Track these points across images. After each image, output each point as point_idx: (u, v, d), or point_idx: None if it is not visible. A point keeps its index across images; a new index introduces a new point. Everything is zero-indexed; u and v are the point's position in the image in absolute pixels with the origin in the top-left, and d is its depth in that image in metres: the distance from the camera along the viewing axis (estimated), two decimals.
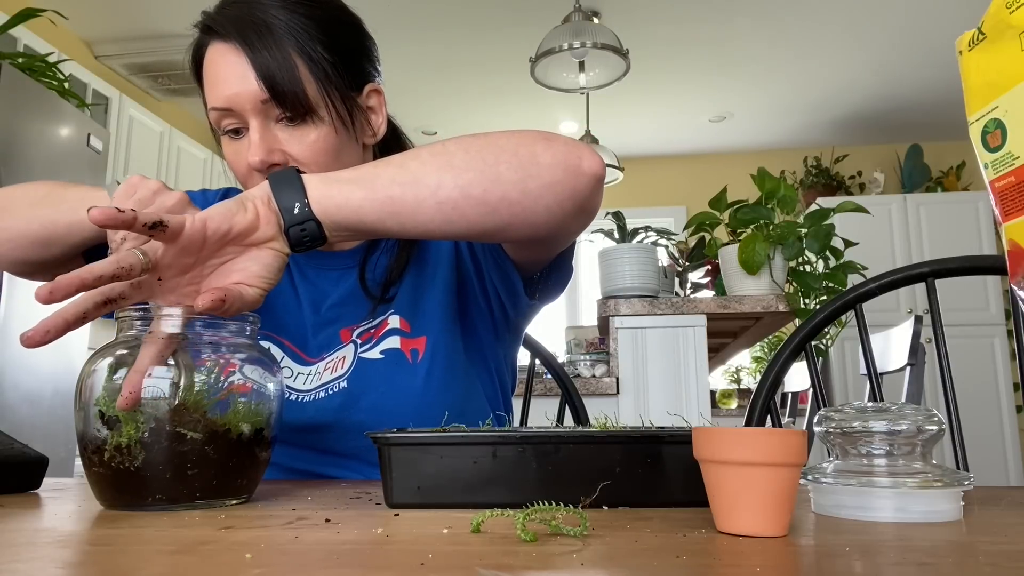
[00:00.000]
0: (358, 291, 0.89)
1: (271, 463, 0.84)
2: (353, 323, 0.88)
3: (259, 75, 0.76)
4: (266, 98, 0.77)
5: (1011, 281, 0.49)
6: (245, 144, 0.79)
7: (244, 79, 0.77)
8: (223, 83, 0.78)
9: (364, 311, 0.88)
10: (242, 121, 0.79)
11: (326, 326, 0.89)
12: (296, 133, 0.79)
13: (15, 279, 2.28)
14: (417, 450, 0.56)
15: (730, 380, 4.92)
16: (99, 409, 0.54)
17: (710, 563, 0.38)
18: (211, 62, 0.79)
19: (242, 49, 0.77)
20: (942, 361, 1.01)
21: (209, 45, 0.79)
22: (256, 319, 0.62)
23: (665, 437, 0.57)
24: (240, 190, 0.95)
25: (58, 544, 0.42)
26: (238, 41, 0.77)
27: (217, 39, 0.78)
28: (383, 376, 0.84)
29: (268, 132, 0.79)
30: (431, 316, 0.88)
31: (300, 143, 0.79)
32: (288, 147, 0.79)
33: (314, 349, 0.88)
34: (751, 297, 2.10)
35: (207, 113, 0.83)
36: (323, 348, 0.88)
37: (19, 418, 2.29)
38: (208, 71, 0.80)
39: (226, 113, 0.79)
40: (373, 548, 0.41)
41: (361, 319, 0.88)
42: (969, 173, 4.92)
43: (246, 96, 0.77)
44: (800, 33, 3.83)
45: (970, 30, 0.50)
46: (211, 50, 0.79)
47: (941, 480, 0.51)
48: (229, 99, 0.78)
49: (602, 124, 4.58)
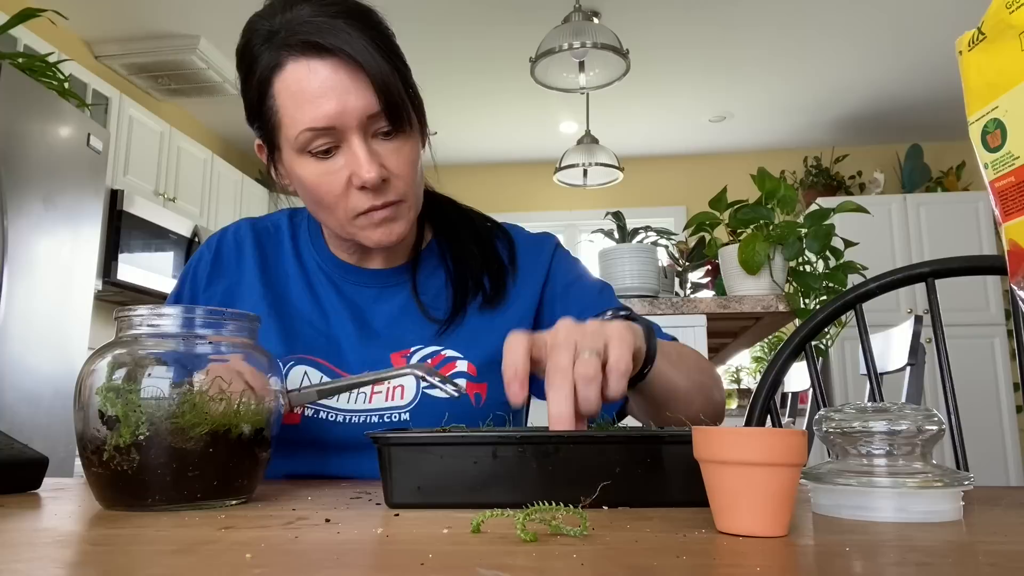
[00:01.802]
0: (410, 313, 0.90)
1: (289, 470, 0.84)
2: (405, 348, 0.88)
3: (376, 87, 0.76)
4: (377, 111, 0.77)
5: (1011, 281, 0.49)
6: (338, 162, 0.78)
7: (355, 92, 0.76)
8: (328, 100, 0.75)
9: (416, 336, 0.88)
10: (337, 139, 0.77)
11: (369, 342, 0.88)
12: (391, 147, 0.80)
13: (15, 279, 2.28)
14: (417, 450, 0.56)
15: (730, 380, 4.92)
16: (99, 409, 0.54)
17: (710, 563, 0.38)
18: (303, 79, 0.76)
19: (349, 60, 0.75)
20: (942, 361, 1.01)
21: (294, 61, 0.76)
22: (256, 318, 0.62)
23: (665, 437, 0.57)
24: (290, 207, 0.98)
25: (58, 544, 0.42)
26: (344, 54, 0.75)
27: (311, 54, 0.76)
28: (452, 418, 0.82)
29: (372, 147, 0.78)
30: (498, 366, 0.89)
31: (397, 156, 0.80)
32: (386, 161, 0.79)
33: (355, 366, 0.87)
34: (751, 297, 2.10)
35: (263, 126, 0.81)
36: (365, 366, 0.87)
37: (19, 418, 2.29)
38: (299, 88, 0.76)
39: (323, 132, 0.76)
40: (373, 548, 0.41)
41: (413, 344, 0.88)
42: (969, 173, 4.92)
43: (355, 110, 0.76)
44: (800, 33, 3.83)
45: (970, 30, 0.50)
46: (299, 67, 0.76)
47: (941, 480, 0.51)
48: (334, 116, 0.76)
49: (602, 124, 4.58)
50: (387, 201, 0.80)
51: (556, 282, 0.95)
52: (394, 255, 0.94)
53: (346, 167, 0.78)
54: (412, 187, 0.83)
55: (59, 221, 2.51)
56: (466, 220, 0.98)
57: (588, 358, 0.59)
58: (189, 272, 0.94)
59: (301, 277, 0.93)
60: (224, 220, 4.50)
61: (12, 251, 2.26)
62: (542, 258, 0.96)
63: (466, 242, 0.95)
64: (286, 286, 0.92)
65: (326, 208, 0.82)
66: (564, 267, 0.97)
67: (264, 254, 0.94)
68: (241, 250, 0.94)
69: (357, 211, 0.81)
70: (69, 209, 2.56)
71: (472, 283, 0.92)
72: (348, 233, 0.84)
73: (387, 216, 0.82)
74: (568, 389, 0.58)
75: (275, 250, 0.95)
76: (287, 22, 0.77)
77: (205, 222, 4.29)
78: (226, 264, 0.94)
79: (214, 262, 0.94)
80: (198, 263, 0.94)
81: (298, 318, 0.90)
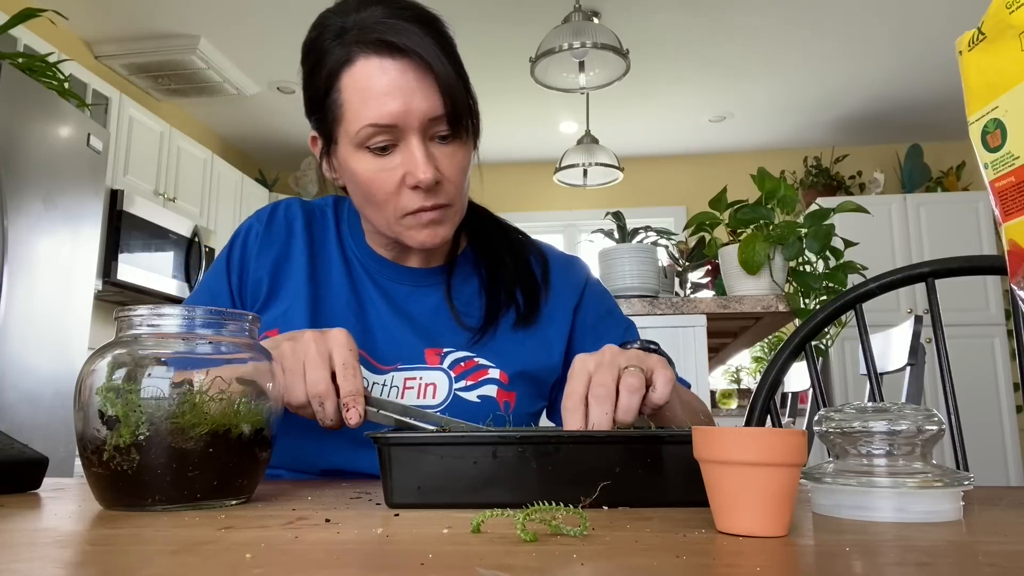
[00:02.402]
0: (443, 316, 0.91)
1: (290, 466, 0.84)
2: (439, 347, 0.89)
3: (442, 91, 0.78)
4: (440, 115, 0.79)
5: (1011, 281, 0.49)
6: (395, 160, 0.80)
7: (421, 94, 0.78)
8: (394, 98, 0.77)
9: (448, 339, 0.89)
10: (396, 137, 0.79)
11: (405, 333, 0.89)
12: (446, 151, 0.82)
13: (15, 279, 2.28)
14: (417, 450, 0.56)
15: (730, 380, 4.92)
16: (99, 409, 0.54)
17: (710, 563, 0.38)
18: (373, 76, 0.78)
19: (420, 63, 0.77)
20: (942, 361, 1.01)
21: (365, 57, 0.78)
22: (256, 318, 0.62)
23: (665, 437, 0.57)
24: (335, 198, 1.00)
25: (58, 544, 0.42)
26: (416, 57, 0.77)
27: (383, 53, 0.78)
28: (482, 421, 0.83)
29: (428, 149, 0.80)
30: (527, 379, 0.91)
31: (451, 161, 0.82)
32: (440, 164, 0.81)
33: (387, 355, 0.88)
34: (751, 297, 2.10)
35: (323, 119, 0.82)
36: (399, 358, 0.88)
37: (19, 418, 2.29)
38: (367, 85, 0.78)
39: (384, 129, 0.78)
40: (373, 548, 0.41)
41: (446, 346, 0.89)
42: (969, 173, 4.92)
43: (419, 111, 0.78)
44: (800, 33, 3.83)
45: (970, 30, 0.50)
46: (370, 64, 0.78)
47: (941, 480, 0.51)
48: (398, 115, 0.77)
49: (602, 124, 4.58)
50: (437, 203, 0.82)
51: (588, 311, 0.97)
52: (431, 257, 0.95)
53: (402, 166, 0.80)
54: (460, 193, 0.85)
55: (59, 221, 2.51)
56: (501, 231, 1.00)
57: (635, 371, 0.66)
58: (239, 239, 0.95)
59: (342, 263, 0.94)
60: (224, 220, 4.50)
61: (12, 251, 2.26)
62: (575, 280, 0.99)
63: (500, 253, 0.97)
64: (328, 269, 0.94)
65: (376, 204, 0.83)
66: (597, 297, 1.00)
67: (312, 234, 0.95)
68: (291, 226, 0.95)
69: (406, 210, 0.82)
70: (69, 209, 2.56)
71: (505, 296, 0.93)
72: (393, 231, 0.85)
73: (434, 218, 0.83)
74: (609, 406, 0.64)
75: (322, 233, 0.96)
76: (360, 20, 0.79)
77: (205, 222, 4.29)
78: (276, 236, 0.94)
79: (265, 232, 0.94)
80: (248, 232, 0.95)
81: (335, 302, 0.91)
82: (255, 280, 0.92)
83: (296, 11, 3.59)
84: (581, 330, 0.96)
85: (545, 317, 0.94)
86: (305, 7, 3.56)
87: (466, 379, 0.87)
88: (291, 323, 0.87)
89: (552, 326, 0.94)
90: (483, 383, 0.88)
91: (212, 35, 3.78)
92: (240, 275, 0.93)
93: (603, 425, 0.63)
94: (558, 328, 0.94)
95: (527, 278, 0.96)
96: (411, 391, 0.86)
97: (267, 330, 0.87)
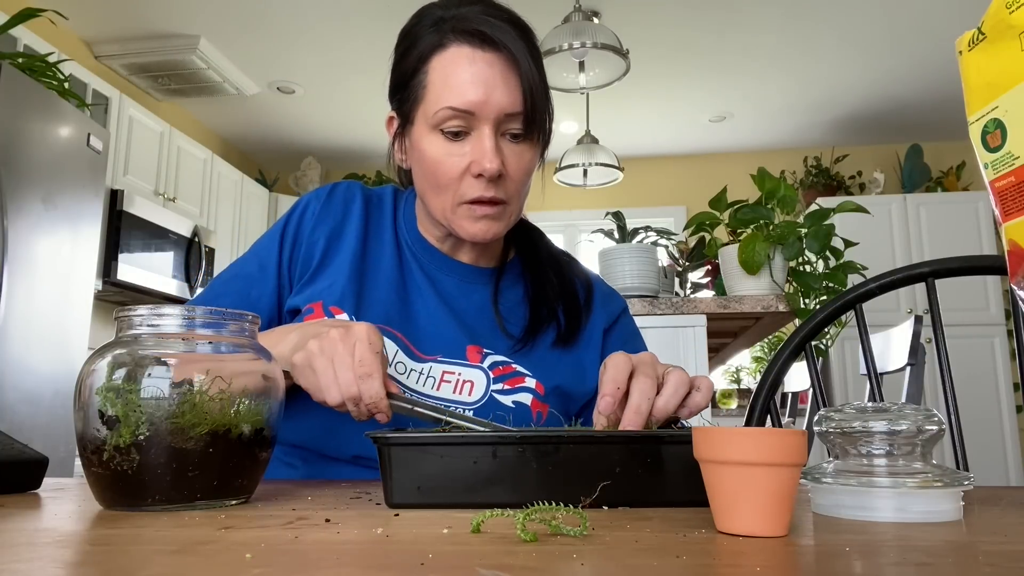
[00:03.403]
0: (487, 318, 0.92)
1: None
2: (481, 345, 0.90)
3: (524, 90, 0.81)
4: (517, 112, 0.82)
5: (1011, 281, 0.49)
6: (464, 147, 0.83)
7: (503, 88, 0.81)
8: (477, 86, 0.80)
9: (490, 342, 0.90)
10: (470, 125, 0.82)
11: (449, 325, 0.90)
12: (516, 149, 0.84)
13: (15, 279, 2.28)
14: (417, 450, 0.56)
15: (730, 380, 4.92)
16: (99, 409, 0.54)
17: (710, 563, 0.38)
18: (461, 63, 0.81)
19: (509, 59, 0.81)
20: (942, 361, 1.01)
21: (457, 45, 0.82)
22: (256, 318, 0.62)
23: (665, 437, 0.57)
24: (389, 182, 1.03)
25: (58, 544, 0.42)
26: (507, 52, 0.81)
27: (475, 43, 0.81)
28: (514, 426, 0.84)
29: (499, 143, 0.83)
30: (561, 395, 0.92)
31: (518, 160, 0.84)
32: (507, 160, 0.83)
33: (428, 345, 0.88)
34: (751, 297, 2.10)
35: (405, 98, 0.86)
36: (439, 349, 0.88)
37: (19, 418, 2.29)
38: (454, 70, 0.82)
39: (462, 115, 0.81)
40: (373, 548, 0.41)
41: (487, 346, 0.90)
42: (969, 173, 4.92)
43: (498, 104, 0.81)
44: (800, 33, 3.83)
45: (970, 30, 0.50)
46: (461, 51, 0.82)
47: (941, 480, 0.51)
48: (477, 103, 0.80)
49: (602, 124, 4.58)
50: (495, 197, 0.84)
51: (617, 336, 0.99)
52: (482, 256, 0.96)
53: (470, 154, 0.82)
54: (519, 193, 0.87)
55: (59, 221, 2.51)
56: (547, 250, 1.02)
57: (679, 370, 0.68)
58: (296, 212, 0.96)
59: (394, 248, 0.95)
60: (224, 220, 4.50)
61: (12, 251, 2.26)
62: (612, 308, 1.01)
63: (546, 268, 0.99)
64: (380, 252, 0.94)
65: (438, 188, 0.85)
66: (629, 330, 1.02)
67: (368, 216, 0.97)
68: (349, 206, 0.96)
69: (465, 198, 0.84)
70: (69, 209, 2.56)
71: (547, 311, 0.95)
72: (448, 219, 0.87)
73: (489, 213, 0.85)
74: (652, 391, 0.65)
75: (378, 217, 0.98)
76: (459, 14, 0.83)
77: (205, 222, 4.29)
78: (332, 213, 0.95)
79: (323, 210, 0.95)
80: (306, 207, 0.96)
81: (381, 283, 0.91)
82: (307, 253, 0.93)
83: (296, 11, 3.59)
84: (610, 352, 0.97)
85: (583, 341, 0.96)
86: (305, 7, 3.56)
87: (504, 383, 0.88)
88: (335, 297, 0.88)
89: (588, 352, 0.96)
90: (520, 390, 0.88)
91: (212, 35, 3.78)
92: (293, 247, 0.94)
93: (642, 413, 0.64)
94: (593, 353, 0.96)
95: (570, 298, 0.97)
96: (448, 384, 0.86)
97: (310, 302, 0.88)
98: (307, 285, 0.91)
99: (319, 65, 4.11)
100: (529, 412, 0.88)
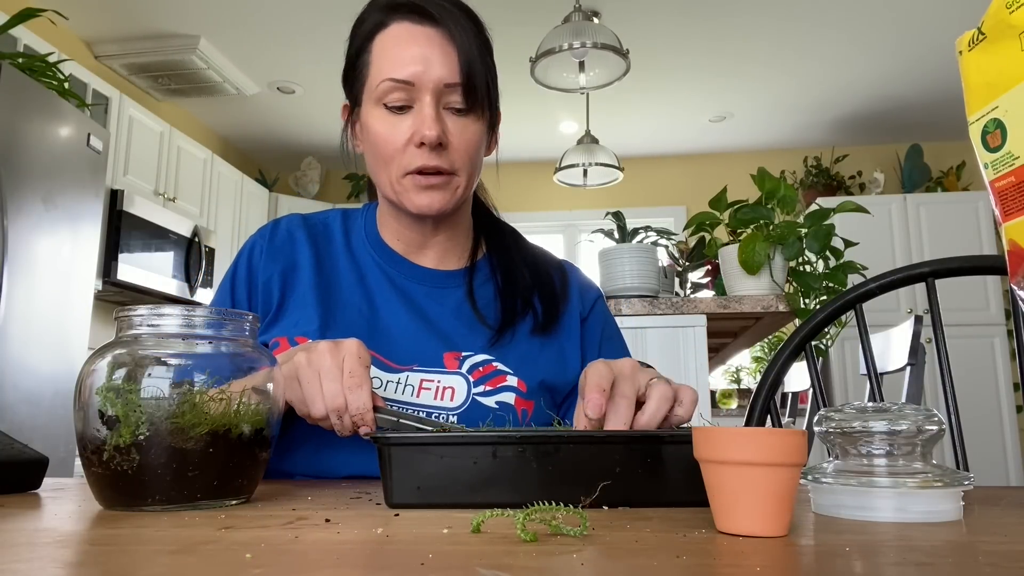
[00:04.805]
0: (463, 317, 0.92)
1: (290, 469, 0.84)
2: (459, 349, 0.89)
3: (461, 61, 0.84)
4: (456, 83, 0.83)
5: (1011, 281, 0.49)
6: (406, 120, 0.84)
7: (441, 60, 0.83)
8: (415, 58, 0.83)
9: (468, 342, 0.90)
10: (412, 99, 0.84)
11: (423, 335, 0.89)
12: (459, 123, 0.86)
13: (15, 279, 2.28)
14: (417, 450, 0.56)
15: (730, 380, 4.92)
16: (99, 409, 0.54)
17: (710, 563, 0.38)
18: (401, 37, 0.84)
19: (446, 34, 0.84)
20: (942, 361, 1.01)
21: (398, 23, 0.85)
22: (255, 318, 0.62)
23: (665, 437, 0.57)
24: None
25: (58, 544, 0.42)
26: (445, 27, 0.84)
27: (415, 20, 0.85)
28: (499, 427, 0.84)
29: (441, 114, 0.84)
30: (545, 389, 0.92)
31: (461, 132, 0.86)
32: (449, 131, 0.85)
33: (403, 355, 0.88)
34: (751, 297, 2.10)
35: (354, 81, 0.89)
36: (415, 359, 0.88)
37: (19, 418, 2.29)
38: (394, 44, 0.84)
39: (403, 86, 0.83)
40: (373, 548, 0.41)
41: (465, 349, 0.89)
42: (969, 173, 4.92)
43: (437, 75, 0.83)
44: (800, 33, 3.83)
45: (970, 30, 0.50)
46: (401, 27, 0.85)
47: (941, 480, 0.51)
48: (416, 73, 0.83)
49: (602, 124, 4.58)
50: (439, 167, 0.85)
51: (594, 327, 0.99)
52: (447, 258, 0.96)
53: (412, 126, 0.84)
54: (466, 165, 0.88)
55: (59, 221, 2.51)
56: (519, 246, 1.03)
57: (662, 382, 0.68)
58: (243, 256, 0.95)
59: (353, 271, 0.95)
60: (224, 220, 4.50)
61: (12, 251, 2.26)
62: (588, 296, 1.01)
63: (517, 262, 0.99)
64: (337, 277, 0.94)
65: (384, 161, 0.87)
66: (604, 317, 1.02)
67: (316, 244, 0.97)
68: (293, 238, 0.96)
69: (410, 168, 0.85)
70: (69, 209, 2.56)
71: (522, 301, 0.94)
72: (396, 192, 0.88)
73: (434, 183, 0.86)
74: (629, 414, 0.65)
75: (326, 243, 0.98)
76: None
77: (205, 222, 4.29)
78: (280, 249, 0.95)
79: (269, 247, 0.95)
80: (252, 248, 0.96)
81: (346, 309, 0.91)
82: (265, 293, 0.92)
83: (296, 11, 3.59)
84: (588, 343, 0.97)
85: (563, 329, 0.96)
86: (305, 7, 3.56)
87: (485, 384, 0.87)
88: (302, 331, 0.87)
89: (569, 340, 0.95)
90: (502, 390, 0.88)
91: (212, 35, 3.78)
92: (248, 290, 0.93)
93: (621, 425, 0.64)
94: (573, 342, 0.96)
95: (545, 286, 0.97)
96: (427, 392, 0.86)
97: (280, 337, 0.87)
98: (272, 324, 0.91)
99: (319, 65, 4.11)
100: (514, 411, 0.87)
